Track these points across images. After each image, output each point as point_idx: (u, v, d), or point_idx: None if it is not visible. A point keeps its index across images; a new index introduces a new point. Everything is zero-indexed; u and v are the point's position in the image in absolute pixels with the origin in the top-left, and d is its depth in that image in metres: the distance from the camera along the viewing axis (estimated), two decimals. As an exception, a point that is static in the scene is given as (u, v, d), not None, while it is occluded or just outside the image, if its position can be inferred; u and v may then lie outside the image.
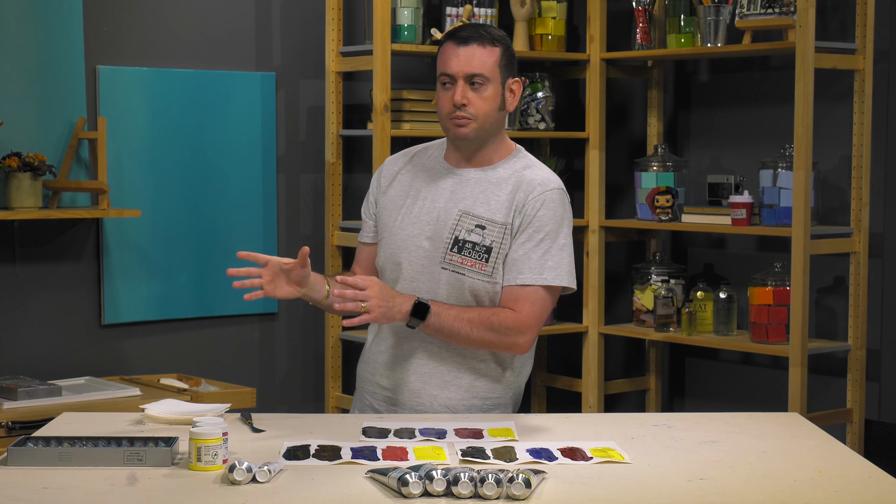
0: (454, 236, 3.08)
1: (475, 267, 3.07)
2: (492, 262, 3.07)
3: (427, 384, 3.14)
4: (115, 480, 2.52)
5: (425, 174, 3.18)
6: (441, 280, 3.09)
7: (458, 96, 3.05)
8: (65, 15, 4.48)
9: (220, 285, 4.89)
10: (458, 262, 3.07)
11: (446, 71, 3.07)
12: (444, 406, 3.13)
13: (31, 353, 4.49)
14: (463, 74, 3.05)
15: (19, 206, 4.27)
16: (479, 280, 3.07)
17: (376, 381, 3.21)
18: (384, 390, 3.19)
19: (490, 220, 3.08)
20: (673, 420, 3.12)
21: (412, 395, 3.15)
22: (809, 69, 4.48)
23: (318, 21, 5.01)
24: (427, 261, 3.10)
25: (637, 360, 5.68)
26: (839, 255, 4.81)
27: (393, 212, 3.17)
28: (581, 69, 5.35)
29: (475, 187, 3.12)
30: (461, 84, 3.05)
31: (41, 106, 4.45)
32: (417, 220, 3.13)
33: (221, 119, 4.87)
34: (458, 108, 3.05)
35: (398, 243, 3.13)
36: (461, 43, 3.06)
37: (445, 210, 3.11)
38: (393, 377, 3.17)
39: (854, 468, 2.67)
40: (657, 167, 5.16)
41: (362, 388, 3.27)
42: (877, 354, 4.86)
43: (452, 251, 3.08)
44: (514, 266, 3.07)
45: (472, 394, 3.15)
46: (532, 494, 2.43)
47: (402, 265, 3.12)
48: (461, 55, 3.05)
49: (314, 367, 5.13)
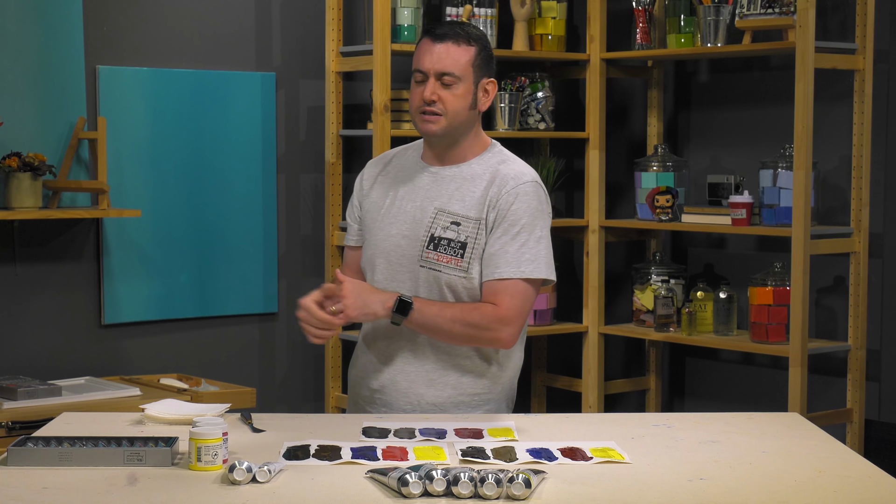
0: (430, 234, 3.11)
1: (451, 263, 3.09)
2: (467, 258, 3.09)
3: (413, 384, 3.15)
4: (115, 480, 2.52)
5: (403, 174, 3.21)
6: (419, 278, 3.11)
7: (427, 92, 3.08)
8: (65, 15, 4.48)
9: (220, 285, 4.89)
10: (435, 259, 3.10)
11: (419, 67, 3.11)
12: (431, 405, 3.14)
13: (31, 353, 4.49)
14: (434, 71, 3.09)
15: (19, 206, 4.27)
16: (455, 276, 3.09)
17: (366, 384, 3.22)
18: (374, 392, 3.20)
19: (464, 216, 3.11)
20: (673, 420, 3.12)
21: (400, 395, 3.16)
22: (809, 69, 4.48)
23: (318, 21, 5.01)
24: (405, 259, 3.13)
25: (637, 360, 5.68)
26: (839, 255, 4.81)
27: (374, 213, 3.21)
28: (581, 69, 5.35)
29: (450, 184, 3.15)
30: (432, 80, 3.09)
31: (41, 106, 4.45)
32: (395, 219, 3.16)
33: (221, 119, 4.87)
34: (427, 104, 3.09)
35: (377, 243, 3.16)
36: (436, 40, 3.10)
37: (422, 209, 3.14)
38: (381, 378, 3.19)
39: (854, 468, 2.67)
40: (657, 167, 5.16)
41: (354, 392, 3.28)
42: (877, 354, 4.86)
43: (429, 249, 3.11)
44: (492, 260, 3.08)
45: (458, 391, 3.15)
46: (532, 494, 2.43)
47: (381, 265, 3.15)
48: (434, 52, 3.09)
49: (314, 367, 5.13)
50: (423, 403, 3.15)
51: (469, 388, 3.16)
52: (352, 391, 3.30)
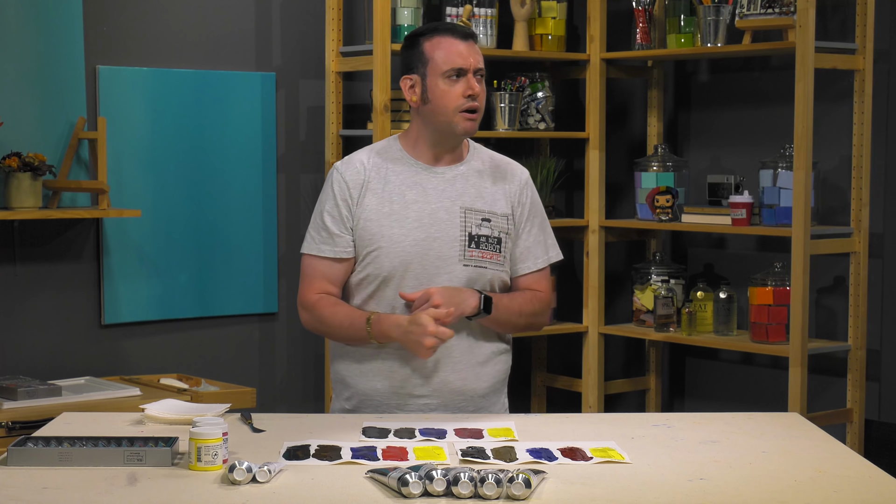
0: (468, 233, 3.13)
1: (493, 259, 3.17)
2: (504, 253, 3.18)
3: (465, 380, 3.19)
4: (115, 480, 2.52)
5: (399, 177, 3.16)
6: (460, 277, 3.12)
7: (476, 86, 3.08)
8: (65, 15, 4.48)
9: (220, 285, 4.89)
10: (480, 257, 3.14)
11: (458, 65, 3.08)
12: (481, 396, 3.20)
13: (31, 353, 4.49)
14: (473, 68, 3.10)
15: (19, 206, 4.27)
16: (497, 270, 3.17)
17: (408, 391, 3.16)
18: (420, 398, 3.17)
19: (491, 212, 3.17)
20: (673, 420, 3.12)
21: (454, 394, 3.17)
22: (809, 69, 4.48)
23: (318, 21, 5.01)
24: (441, 261, 3.12)
25: (637, 360, 5.68)
26: (839, 255, 4.81)
27: (382, 221, 3.12)
28: (581, 69, 5.35)
29: (464, 183, 3.17)
30: (470, 76, 3.09)
31: (41, 106, 4.45)
32: (419, 223, 3.12)
33: (221, 119, 4.87)
34: (470, 100, 3.08)
35: (407, 249, 3.11)
36: (467, 38, 3.11)
37: (446, 209, 3.13)
38: (431, 383, 3.16)
39: (854, 468, 2.67)
40: (657, 167, 5.16)
41: (382, 401, 3.19)
42: (877, 354, 4.86)
43: (471, 247, 3.13)
44: (530, 252, 3.23)
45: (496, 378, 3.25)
46: (532, 494, 2.43)
47: (414, 269, 3.11)
48: (468, 49, 3.10)
49: (314, 367, 5.13)
50: (475, 397, 3.19)
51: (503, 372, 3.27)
52: (368, 404, 3.22)
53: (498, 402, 3.24)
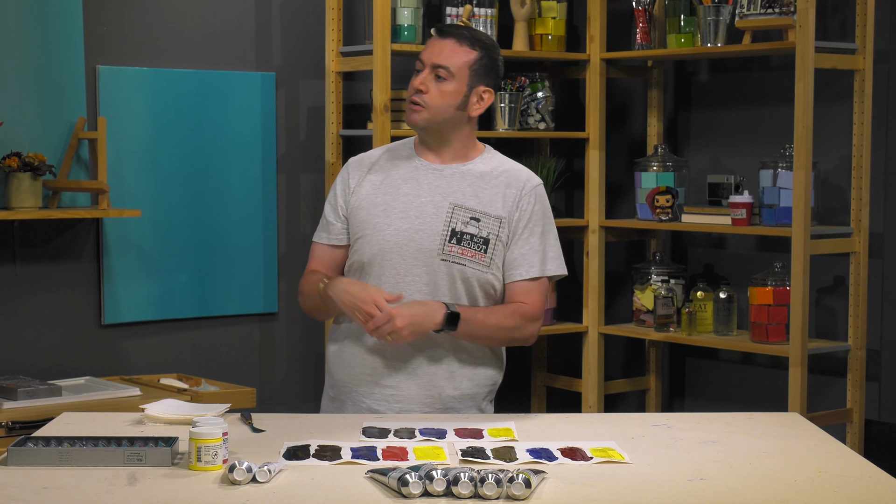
0: (451, 228, 3.13)
1: (475, 258, 3.14)
2: (490, 254, 3.15)
3: (434, 377, 3.19)
4: (115, 480, 2.52)
5: (399, 171, 3.22)
6: (439, 271, 3.13)
7: (418, 81, 3.16)
8: (65, 15, 4.48)
9: (220, 285, 4.89)
10: (459, 254, 3.14)
11: (420, 57, 3.18)
12: (451, 397, 3.19)
13: (31, 353, 4.49)
14: (430, 63, 3.15)
15: (19, 206, 4.27)
16: (478, 270, 3.14)
17: (376, 380, 3.21)
18: (388, 389, 3.20)
19: (483, 212, 3.16)
20: (673, 420, 3.12)
21: (420, 390, 3.19)
22: (809, 69, 4.48)
23: (318, 21, 5.01)
24: (420, 253, 3.14)
25: (637, 360, 5.68)
26: (839, 255, 4.81)
27: (371, 210, 3.19)
28: (581, 69, 5.35)
29: (461, 181, 3.18)
30: (427, 71, 3.16)
31: (41, 106, 4.45)
32: (405, 214, 3.16)
33: (221, 119, 4.87)
34: (416, 93, 3.15)
35: (387, 238, 3.15)
36: (441, 35, 3.18)
37: (433, 203, 3.16)
38: (400, 374, 3.19)
39: (854, 468, 2.67)
40: (657, 167, 5.16)
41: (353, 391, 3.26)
42: (877, 354, 4.86)
43: (451, 243, 3.13)
44: (524, 260, 3.17)
45: (474, 382, 3.21)
46: (532, 494, 2.43)
47: (393, 259, 3.15)
48: (436, 45, 3.16)
49: (314, 367, 5.13)
50: (443, 397, 3.19)
51: (488, 379, 3.24)
52: (351, 397, 3.28)
53: (474, 408, 3.22)
